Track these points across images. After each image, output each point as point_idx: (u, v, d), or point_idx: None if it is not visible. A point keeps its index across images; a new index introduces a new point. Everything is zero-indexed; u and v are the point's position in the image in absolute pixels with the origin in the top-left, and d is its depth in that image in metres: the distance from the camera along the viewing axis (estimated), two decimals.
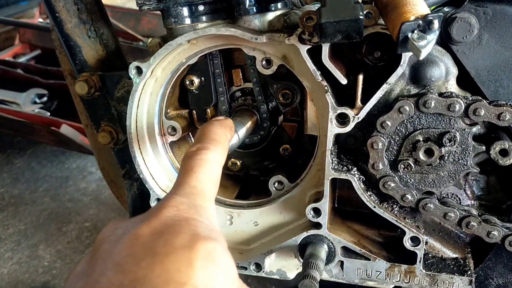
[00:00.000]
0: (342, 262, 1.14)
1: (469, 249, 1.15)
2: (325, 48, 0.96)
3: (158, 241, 0.64)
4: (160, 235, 0.65)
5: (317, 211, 1.10)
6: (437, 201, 1.05)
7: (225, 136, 0.92)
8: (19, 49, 4.35)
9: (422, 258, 1.08)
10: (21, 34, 4.38)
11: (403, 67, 0.95)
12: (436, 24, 0.81)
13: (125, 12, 4.33)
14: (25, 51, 4.37)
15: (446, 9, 1.11)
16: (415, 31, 0.82)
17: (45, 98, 3.25)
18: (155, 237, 0.65)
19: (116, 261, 0.63)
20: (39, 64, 4.01)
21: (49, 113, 3.09)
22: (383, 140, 1.03)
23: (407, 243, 1.07)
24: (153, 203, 1.19)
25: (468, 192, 1.14)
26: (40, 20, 4.63)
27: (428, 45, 0.81)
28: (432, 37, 0.82)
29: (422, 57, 0.82)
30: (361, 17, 0.85)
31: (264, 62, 1.09)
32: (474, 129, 1.00)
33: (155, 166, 1.21)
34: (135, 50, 3.65)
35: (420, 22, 0.82)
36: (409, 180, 1.06)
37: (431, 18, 0.81)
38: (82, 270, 0.67)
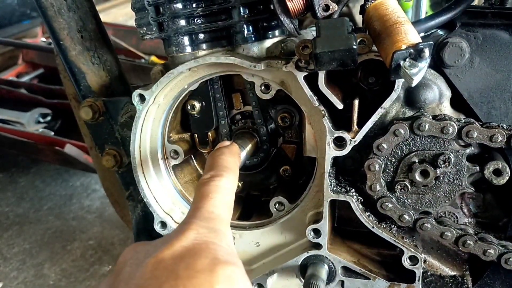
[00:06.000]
0: (342, 282, 1.16)
1: (467, 267, 1.17)
2: (321, 75, 1.00)
3: (180, 264, 0.66)
4: (182, 258, 0.67)
5: (317, 232, 1.13)
6: (434, 220, 1.08)
7: (235, 164, 0.96)
8: (22, 68, 4.41)
9: (420, 277, 1.09)
10: (24, 53, 4.44)
11: (397, 92, 0.98)
12: (426, 52, 0.84)
13: (127, 30, 4.38)
14: (28, 70, 4.43)
15: (440, 32, 1.14)
16: (407, 59, 0.85)
17: (48, 118, 3.29)
18: (177, 261, 0.67)
19: (140, 283, 0.65)
20: (42, 82, 4.07)
21: (53, 133, 3.13)
22: (380, 162, 1.05)
23: (406, 262, 1.09)
24: (156, 226, 1.22)
25: (465, 210, 1.16)
26: (43, 39, 4.70)
27: (419, 72, 0.84)
28: (424, 64, 0.85)
29: (414, 84, 0.85)
30: (354, 46, 0.88)
31: (263, 87, 1.12)
32: (468, 150, 1.03)
33: (159, 189, 1.24)
34: (137, 68, 3.70)
35: (412, 50, 0.84)
36: (406, 201, 1.09)
37: (422, 46, 0.84)
38: None
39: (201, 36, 1.10)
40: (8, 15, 5.08)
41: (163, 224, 1.22)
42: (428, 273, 1.16)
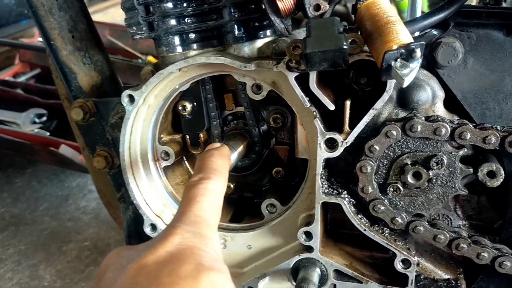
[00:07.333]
0: (334, 285, 1.14)
1: (461, 270, 1.15)
2: (312, 76, 0.98)
3: (163, 270, 0.64)
4: (165, 264, 0.65)
5: (308, 235, 1.11)
6: (427, 223, 1.06)
7: (225, 166, 0.94)
8: (19, 68, 4.39)
9: (413, 280, 1.08)
10: (21, 53, 4.42)
11: (388, 93, 0.97)
12: (418, 52, 0.82)
13: (123, 30, 4.36)
14: (25, 70, 4.41)
15: (434, 31, 1.13)
16: (398, 60, 0.83)
17: (44, 118, 3.28)
18: (159, 266, 0.65)
19: None
20: (39, 82, 4.05)
21: (48, 133, 3.12)
22: (372, 164, 1.04)
23: (398, 266, 1.08)
24: (146, 228, 1.20)
25: (459, 212, 1.15)
26: (40, 39, 4.68)
27: (411, 73, 0.83)
28: (415, 65, 0.83)
29: (405, 84, 0.83)
30: (345, 47, 0.87)
31: (254, 88, 1.10)
32: (461, 152, 1.01)
33: (149, 191, 1.22)
34: (134, 68, 3.68)
35: (403, 50, 0.83)
36: (398, 203, 1.07)
37: (413, 47, 0.82)
38: None
39: (192, 36, 1.08)
40: (5, 15, 5.07)
41: (153, 227, 1.20)
42: (421, 277, 1.14)
